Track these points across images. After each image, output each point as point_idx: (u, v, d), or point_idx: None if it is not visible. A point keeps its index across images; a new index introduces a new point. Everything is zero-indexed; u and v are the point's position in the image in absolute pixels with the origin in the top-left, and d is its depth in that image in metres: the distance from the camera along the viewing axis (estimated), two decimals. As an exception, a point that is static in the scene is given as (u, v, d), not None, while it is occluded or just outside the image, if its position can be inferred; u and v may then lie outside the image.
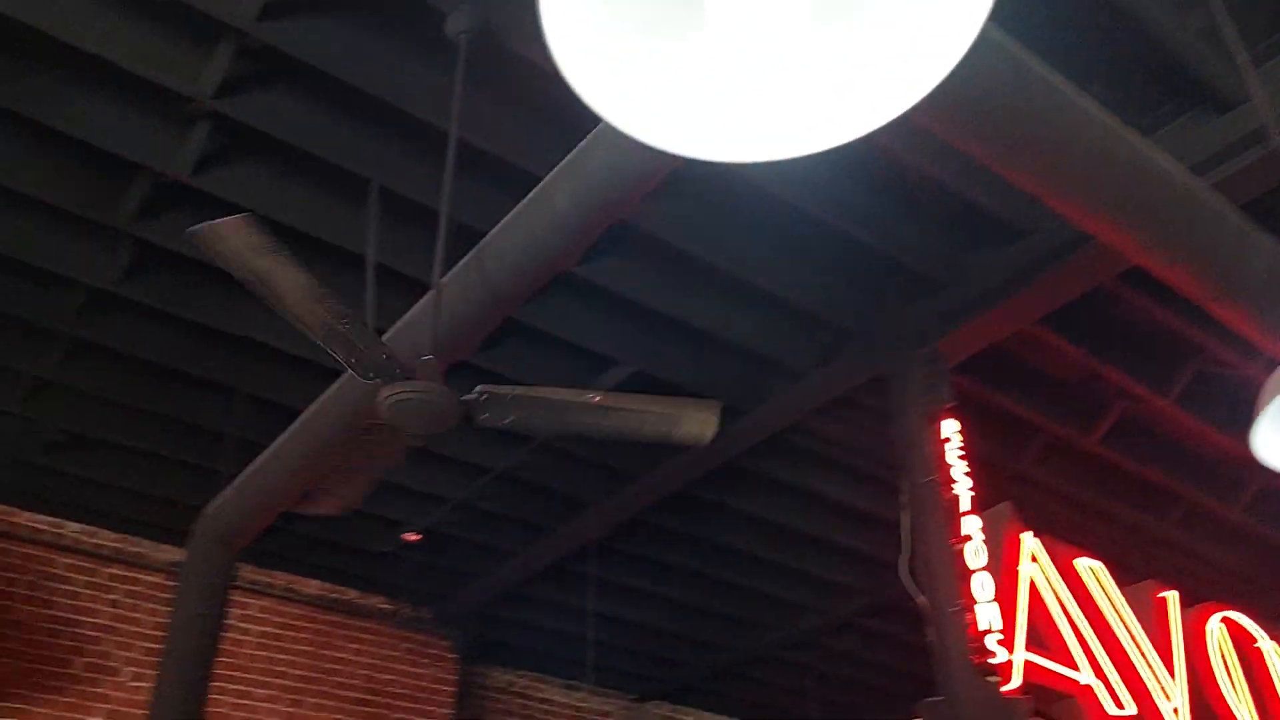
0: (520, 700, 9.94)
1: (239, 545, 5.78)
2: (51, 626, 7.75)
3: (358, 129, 5.02)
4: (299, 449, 5.02)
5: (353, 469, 3.92)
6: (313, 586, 8.77)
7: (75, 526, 8.03)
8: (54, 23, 4.42)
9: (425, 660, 9.16)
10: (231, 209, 5.35)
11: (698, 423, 3.91)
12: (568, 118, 4.18)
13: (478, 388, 3.60)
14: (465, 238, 4.61)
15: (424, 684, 9.06)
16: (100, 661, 7.84)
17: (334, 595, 8.84)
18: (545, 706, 10.07)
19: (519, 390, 3.78)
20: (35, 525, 7.92)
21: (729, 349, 6.37)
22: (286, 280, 3.01)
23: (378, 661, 8.88)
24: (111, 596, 8.07)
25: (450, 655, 9.29)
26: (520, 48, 4.43)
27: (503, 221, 3.85)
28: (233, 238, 2.91)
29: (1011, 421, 6.95)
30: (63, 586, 7.88)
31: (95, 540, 8.10)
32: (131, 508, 7.84)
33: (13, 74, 4.73)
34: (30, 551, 7.84)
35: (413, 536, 8.05)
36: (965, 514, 5.23)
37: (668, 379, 6.39)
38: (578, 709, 10.27)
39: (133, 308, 6.06)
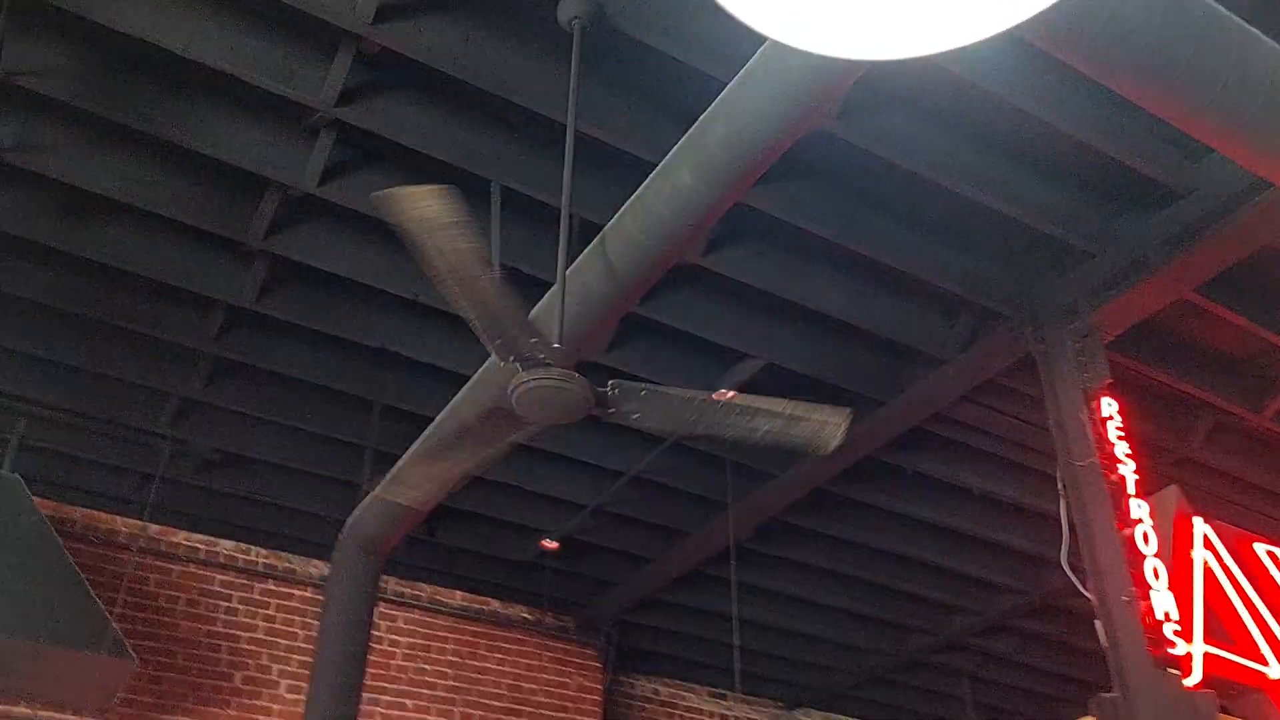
0: (666, 709, 9.80)
1: (382, 554, 5.83)
2: (211, 642, 7.99)
3: (476, 128, 5.02)
4: (423, 463, 5.00)
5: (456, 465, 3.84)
6: (457, 597, 8.84)
7: (229, 544, 8.27)
8: (181, 42, 4.53)
9: (570, 669, 9.12)
10: (357, 219, 5.50)
11: (825, 428, 3.68)
12: (686, 103, 4.08)
13: (610, 382, 3.50)
14: (589, 233, 4.54)
15: (570, 693, 9.02)
16: (258, 675, 8.04)
17: (478, 606, 8.88)
18: (692, 715, 9.90)
19: (649, 387, 3.67)
20: (192, 544, 8.19)
21: (864, 337, 6.13)
22: (459, 252, 2.92)
23: (523, 671, 8.88)
24: (266, 612, 8.27)
25: (595, 664, 9.23)
26: (635, 31, 4.34)
27: (625, 206, 3.75)
28: (420, 207, 2.86)
29: (1173, 400, 6.49)
30: (220, 603, 8.11)
31: (248, 557, 8.33)
32: (281, 523, 8.04)
33: (145, 96, 4.88)
34: (189, 570, 8.11)
35: (551, 544, 8.03)
36: (1132, 497, 4.87)
37: (801, 371, 6.19)
38: (724, 718, 10.08)
39: (270, 324, 6.21)
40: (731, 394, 6.27)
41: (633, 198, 3.69)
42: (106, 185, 5.25)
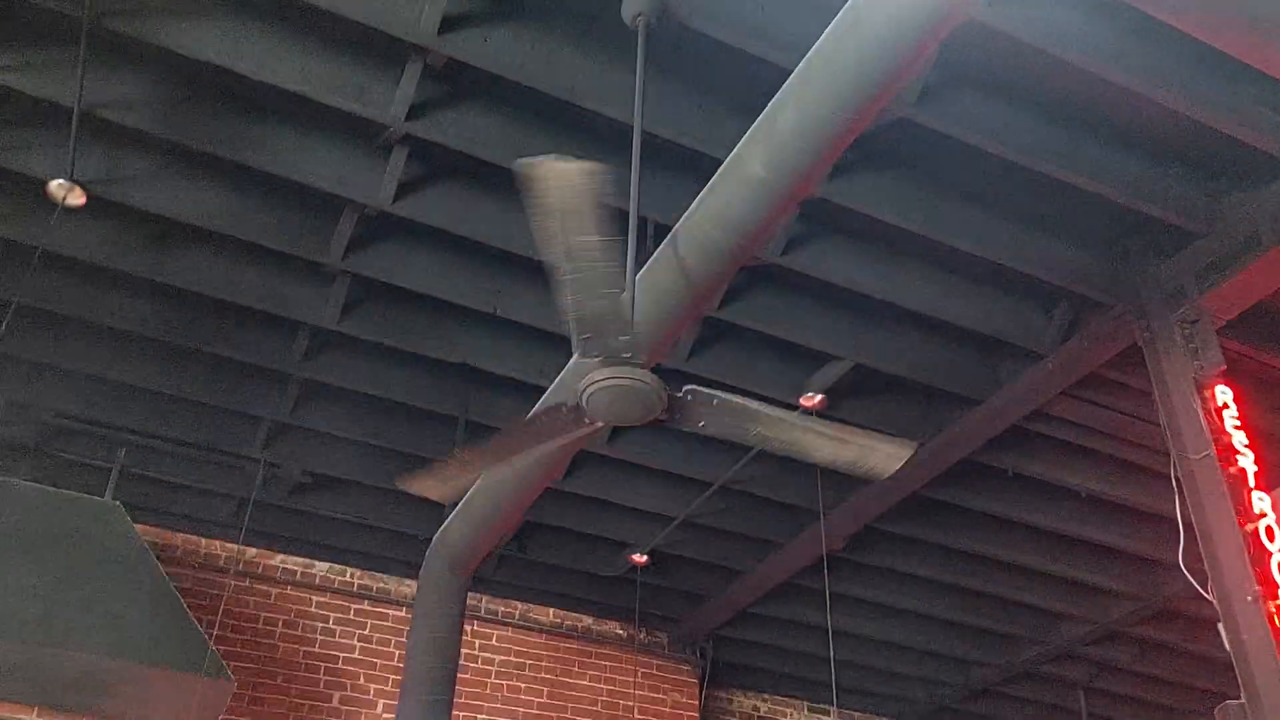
0: (766, 725, 9.59)
1: (468, 570, 5.79)
2: (309, 663, 8.06)
3: (547, 136, 4.96)
4: (509, 472, 4.94)
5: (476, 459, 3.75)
6: (549, 615, 8.78)
7: (324, 566, 8.35)
8: (252, 65, 4.58)
9: (666, 685, 8.98)
10: (434, 234, 5.49)
11: (885, 458, 3.57)
12: (758, 97, 3.95)
13: (686, 388, 3.38)
14: (663, 236, 4.44)
15: (666, 709, 8.87)
16: (356, 695, 8.08)
17: (570, 622, 8.81)
18: (793, 731, 9.68)
19: (723, 396, 3.52)
20: (289, 567, 8.29)
21: (957, 333, 5.90)
22: (586, 241, 2.84)
23: (617, 688, 8.77)
24: (362, 632, 8.32)
25: (691, 679, 9.07)
26: (701, 24, 4.23)
27: (695, 201, 3.63)
28: (564, 186, 2.78)
29: (1294, 389, 6.09)
30: (317, 624, 8.19)
31: (344, 578, 8.40)
32: (373, 544, 8.08)
33: (222, 122, 4.94)
34: (286, 592, 8.21)
35: (641, 559, 7.91)
36: (1252, 490, 4.55)
37: (891, 371, 5.98)
38: (826, 734, 9.82)
39: (353, 344, 6.24)
40: (819, 398, 6.14)
41: (703, 192, 3.58)
42: (189, 213, 5.33)
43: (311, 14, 4.56)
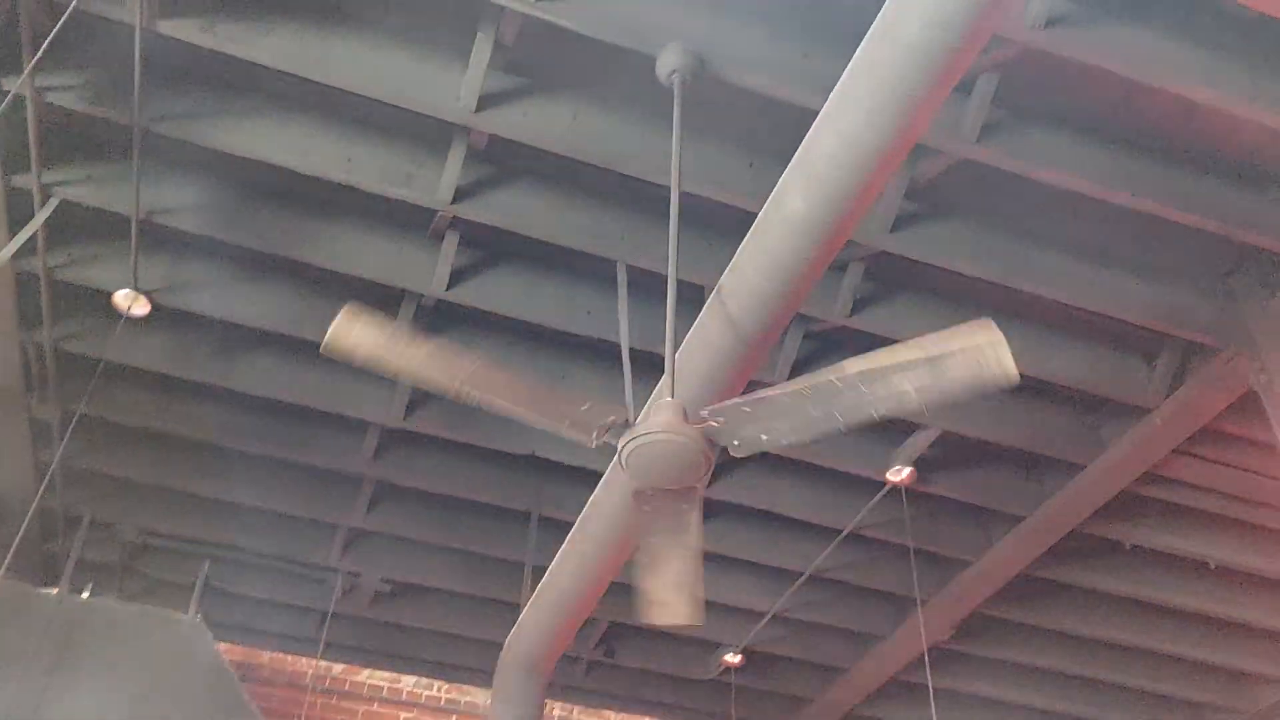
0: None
1: (544, 672, 5.48)
2: (397, 783, 7.79)
3: (595, 208, 4.84)
4: (579, 553, 4.69)
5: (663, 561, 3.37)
6: (642, 723, 8.34)
7: (410, 680, 8.12)
8: (297, 157, 4.58)
9: (771, 797, 8.38)
10: (490, 320, 5.38)
11: (984, 353, 2.73)
12: (793, 149, 3.77)
13: (705, 410, 3.02)
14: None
15: (771, 824, 8.26)
16: (448, 816, 7.76)
17: (664, 731, 8.35)
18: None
19: (753, 396, 3.09)
20: (375, 683, 8.08)
21: (1051, 392, 5.49)
22: (439, 370, 2.69)
23: (719, 800, 8.22)
24: (452, 747, 8.04)
25: (798, 790, 8.46)
26: (739, 76, 4.08)
27: (739, 248, 3.42)
28: (351, 342, 2.63)
29: None
30: (407, 742, 7.94)
31: (431, 693, 8.15)
32: (458, 654, 7.83)
33: (276, 221, 4.96)
34: (374, 709, 7.98)
35: (734, 659, 7.47)
36: None
37: (981, 439, 5.58)
38: None
39: (421, 441, 6.12)
40: (908, 472, 5.74)
41: (746, 237, 3.36)
42: (252, 315, 5.34)
43: (353, 103, 4.57)
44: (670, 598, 3.33)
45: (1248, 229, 4.52)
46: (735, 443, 2.91)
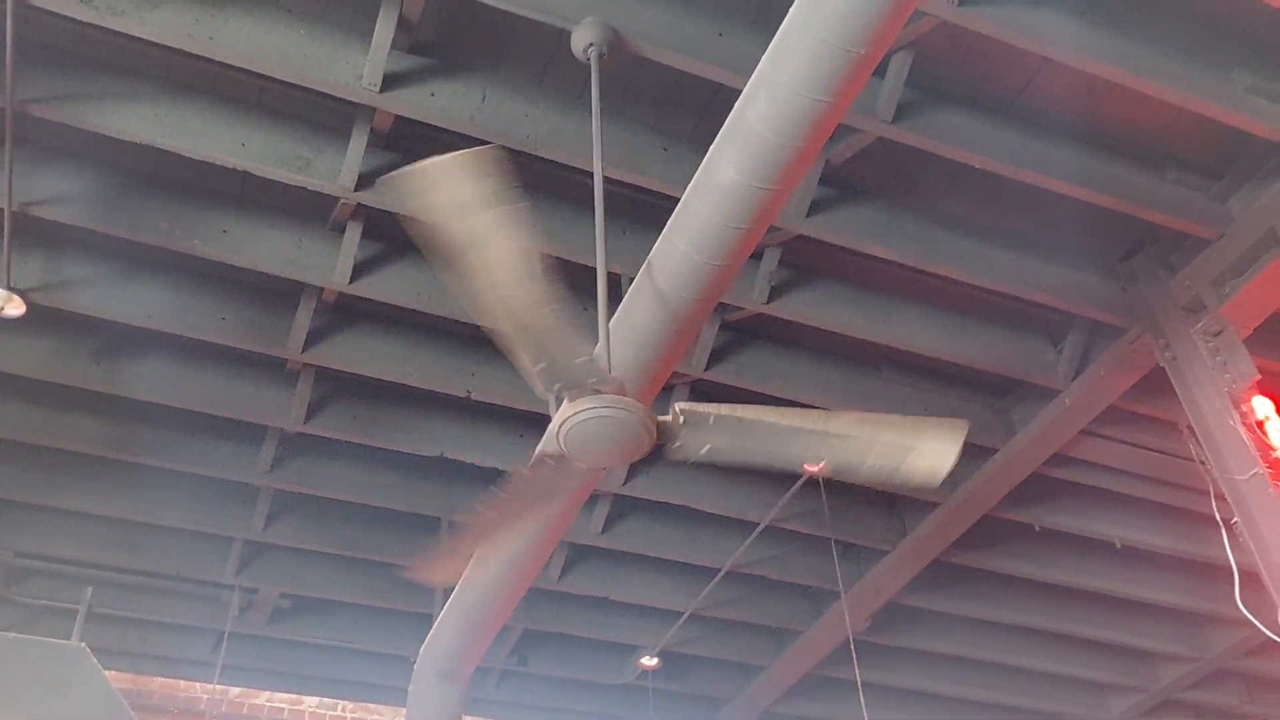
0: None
1: (462, 679, 5.27)
2: (300, 808, 7.44)
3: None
4: (493, 562, 4.51)
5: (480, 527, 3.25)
6: (557, 733, 8.14)
7: (313, 700, 7.77)
8: (188, 142, 4.31)
9: (692, 803, 8.27)
10: (396, 315, 5.17)
11: (935, 454, 3.06)
12: (707, 135, 3.69)
13: (676, 405, 2.96)
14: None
15: (694, 829, 8.15)
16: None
17: (581, 741, 8.16)
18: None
19: (724, 410, 3.08)
20: (275, 705, 7.71)
21: (962, 376, 5.54)
22: (499, 247, 2.42)
23: (639, 809, 8.07)
24: (360, 770, 7.72)
25: (718, 794, 8.37)
26: (657, 53, 3.98)
27: (669, 221, 3.31)
28: (452, 186, 2.35)
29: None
30: (310, 766, 7.59)
31: (335, 713, 7.81)
32: (363, 671, 7.51)
33: (164, 211, 4.66)
34: (275, 734, 7.62)
35: (650, 662, 7.35)
36: (1312, 505, 4.12)
37: (896, 424, 5.58)
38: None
39: (322, 446, 5.86)
40: (824, 462, 5.72)
41: (676, 209, 3.26)
42: (138, 315, 5.01)
43: (247, 83, 4.34)
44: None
45: (1148, 209, 4.61)
46: (677, 444, 2.81)
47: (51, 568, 6.60)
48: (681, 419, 2.85)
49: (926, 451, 3.10)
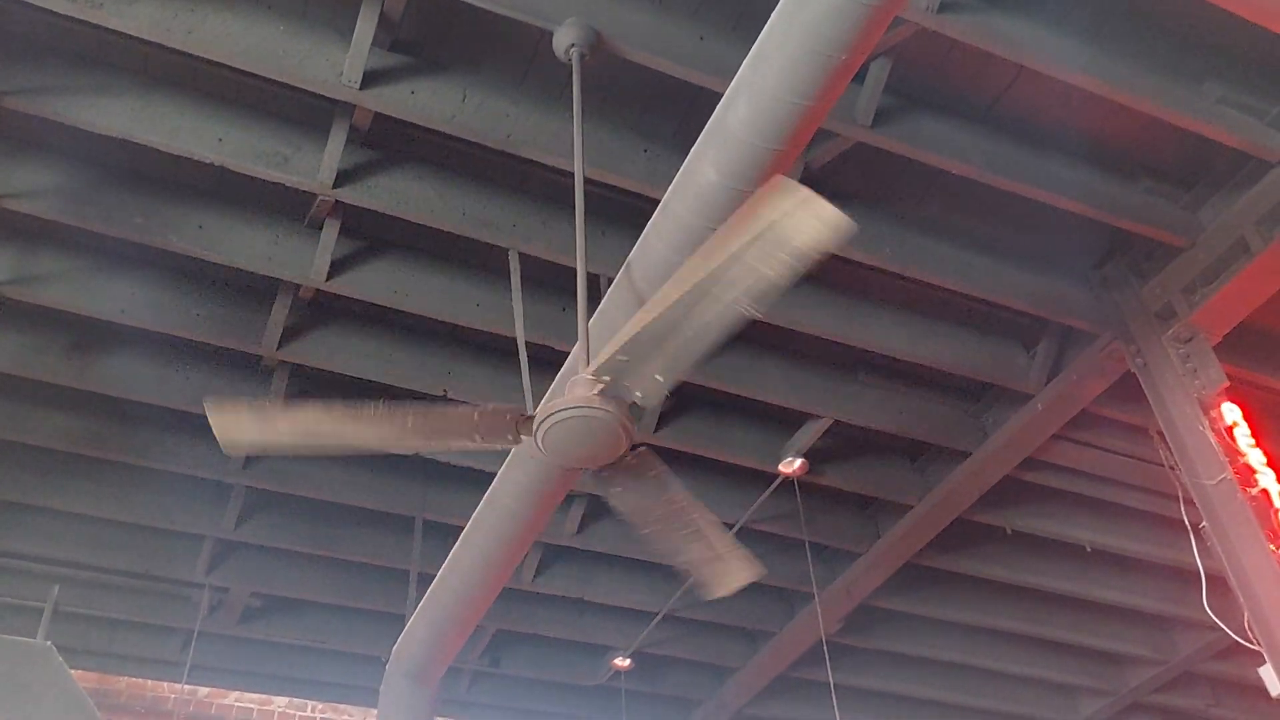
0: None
1: (433, 680, 5.25)
2: (272, 809, 7.38)
3: (486, 194, 4.68)
4: (473, 553, 4.50)
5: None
6: (530, 734, 8.13)
7: (283, 700, 7.71)
8: (164, 136, 4.28)
9: (663, 804, 8.27)
10: (372, 312, 5.15)
11: (728, 578, 3.37)
12: (686, 136, 3.71)
13: (643, 446, 3.06)
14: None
15: (665, 830, 8.15)
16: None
17: (553, 741, 8.15)
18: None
19: (665, 472, 3.18)
20: (244, 705, 7.65)
21: (936, 380, 5.59)
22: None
23: (610, 810, 8.07)
24: (330, 770, 7.68)
25: (689, 795, 8.37)
26: (638, 55, 3.99)
27: (649, 223, 3.32)
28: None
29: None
30: (281, 766, 7.54)
31: (304, 713, 7.76)
32: (334, 671, 7.47)
33: (139, 206, 4.62)
34: (244, 734, 7.56)
35: (623, 663, 7.35)
36: (1279, 510, 4.18)
37: (870, 427, 5.63)
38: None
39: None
40: (800, 463, 5.74)
41: (657, 210, 3.27)
42: (111, 310, 4.96)
43: (226, 78, 4.31)
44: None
45: (1121, 217, 4.67)
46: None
47: (17, 565, 6.52)
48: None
49: (726, 570, 3.35)
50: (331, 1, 4.10)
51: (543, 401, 2.88)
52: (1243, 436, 4.38)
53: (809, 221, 2.37)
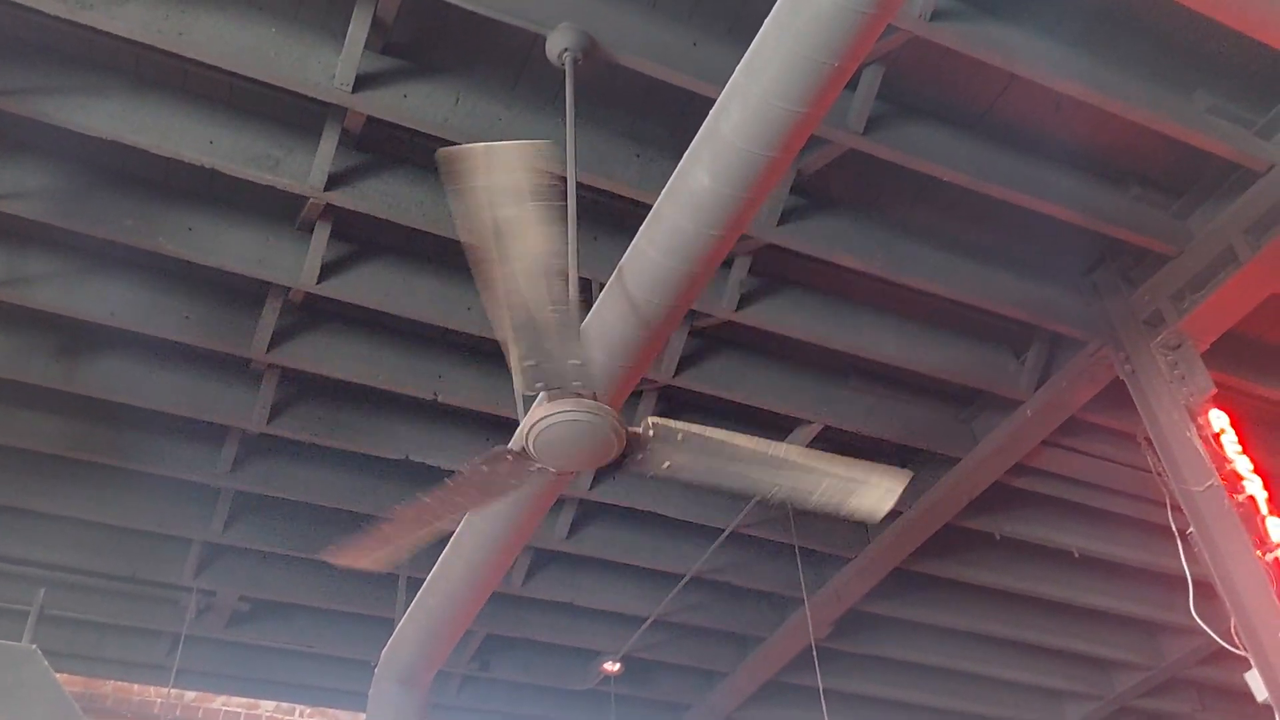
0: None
1: (423, 684, 5.24)
2: (259, 815, 7.35)
3: (477, 198, 4.66)
4: (464, 557, 4.49)
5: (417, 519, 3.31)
6: (518, 738, 8.10)
7: (270, 705, 7.68)
8: (154, 138, 4.26)
9: (653, 808, 8.26)
10: (363, 317, 5.13)
11: (879, 493, 3.24)
12: (679, 142, 3.71)
13: (649, 418, 2.99)
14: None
15: (654, 835, 8.14)
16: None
17: (543, 746, 8.13)
18: None
19: (693, 429, 3.13)
20: (231, 710, 7.62)
21: (926, 385, 5.60)
22: (526, 240, 2.47)
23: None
24: (316, 775, 7.65)
25: (679, 800, 8.37)
26: (631, 61, 4.00)
27: (641, 227, 3.33)
28: (502, 172, 2.38)
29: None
30: (281, 772, 7.52)
31: (292, 718, 7.73)
32: (322, 675, 7.44)
33: (129, 208, 4.60)
34: (230, 739, 7.53)
35: (613, 667, 7.34)
36: (1266, 517, 4.20)
37: (861, 432, 5.63)
38: None
39: (285, 448, 5.80)
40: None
41: (649, 215, 3.27)
42: (100, 312, 4.93)
43: (217, 80, 4.30)
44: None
45: (1111, 224, 4.70)
46: (641, 456, 2.83)
47: (3, 568, 6.48)
48: (651, 432, 2.86)
49: (871, 491, 3.24)
50: (324, 4, 4.10)
51: (532, 408, 2.87)
52: (1230, 443, 4.41)
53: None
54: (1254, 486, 4.28)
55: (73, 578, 6.62)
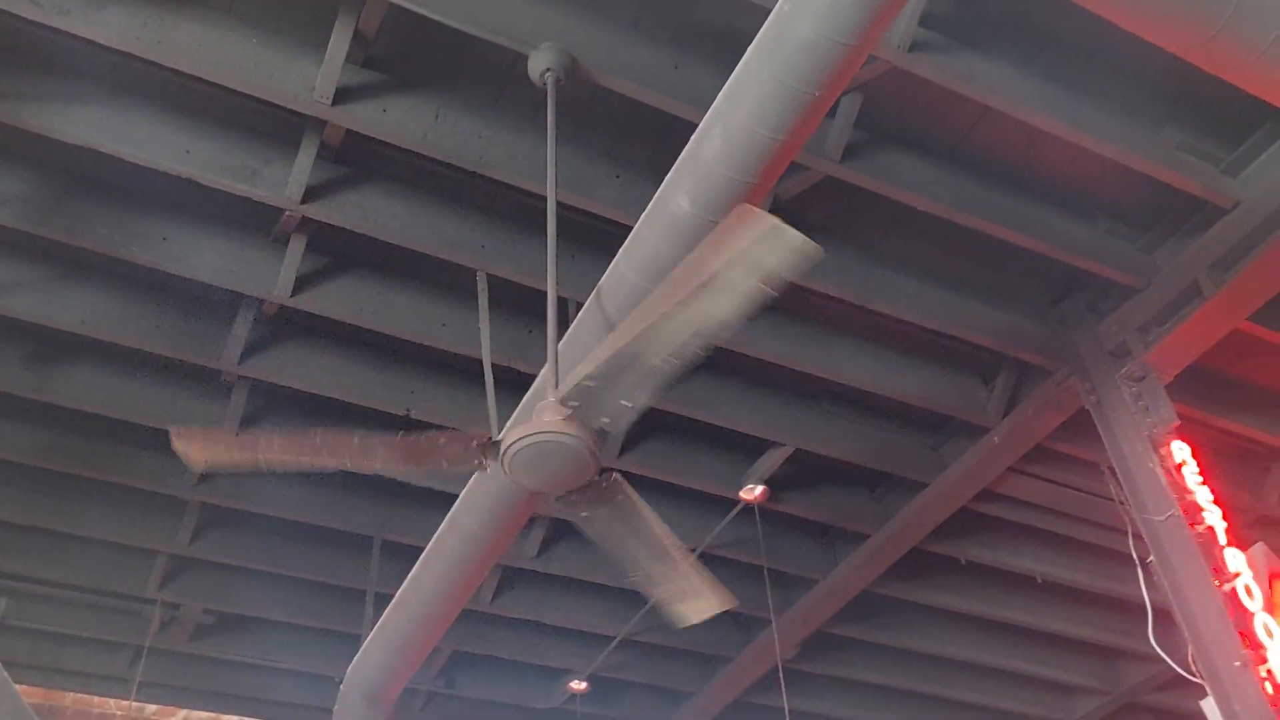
0: None
1: (388, 701, 5.21)
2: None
3: (455, 214, 4.68)
4: (434, 574, 4.48)
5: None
6: (481, 759, 8.05)
7: (233, 719, 7.59)
8: (132, 147, 4.24)
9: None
10: (336, 330, 5.12)
11: (700, 605, 3.35)
12: (659, 162, 3.74)
13: (615, 474, 3.06)
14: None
15: None
16: None
17: (506, 766, 8.08)
18: None
19: (633, 500, 3.18)
20: (195, 726, 7.52)
21: (896, 410, 5.65)
22: (717, 310, 2.54)
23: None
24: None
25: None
26: (612, 82, 4.03)
27: (620, 250, 3.35)
28: (765, 246, 2.38)
29: (1242, 453, 5.93)
30: (236, 790, 7.42)
31: (258, 736, 7.65)
32: (288, 690, 7.36)
33: (104, 217, 4.57)
34: (190, 753, 7.43)
35: (580, 686, 7.32)
36: (1225, 547, 4.27)
37: (830, 455, 5.67)
38: None
39: (255, 460, 5.75)
40: (760, 490, 5.79)
41: (629, 237, 3.30)
42: (71, 320, 4.90)
43: (195, 90, 4.29)
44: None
45: (1080, 256, 4.77)
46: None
47: (-39, 577, 6.40)
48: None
49: (697, 601, 3.34)
50: (305, 16, 4.10)
51: (508, 425, 2.89)
52: (1191, 474, 4.48)
53: (777, 248, 2.38)
54: (1213, 517, 4.35)
55: (35, 588, 6.54)
